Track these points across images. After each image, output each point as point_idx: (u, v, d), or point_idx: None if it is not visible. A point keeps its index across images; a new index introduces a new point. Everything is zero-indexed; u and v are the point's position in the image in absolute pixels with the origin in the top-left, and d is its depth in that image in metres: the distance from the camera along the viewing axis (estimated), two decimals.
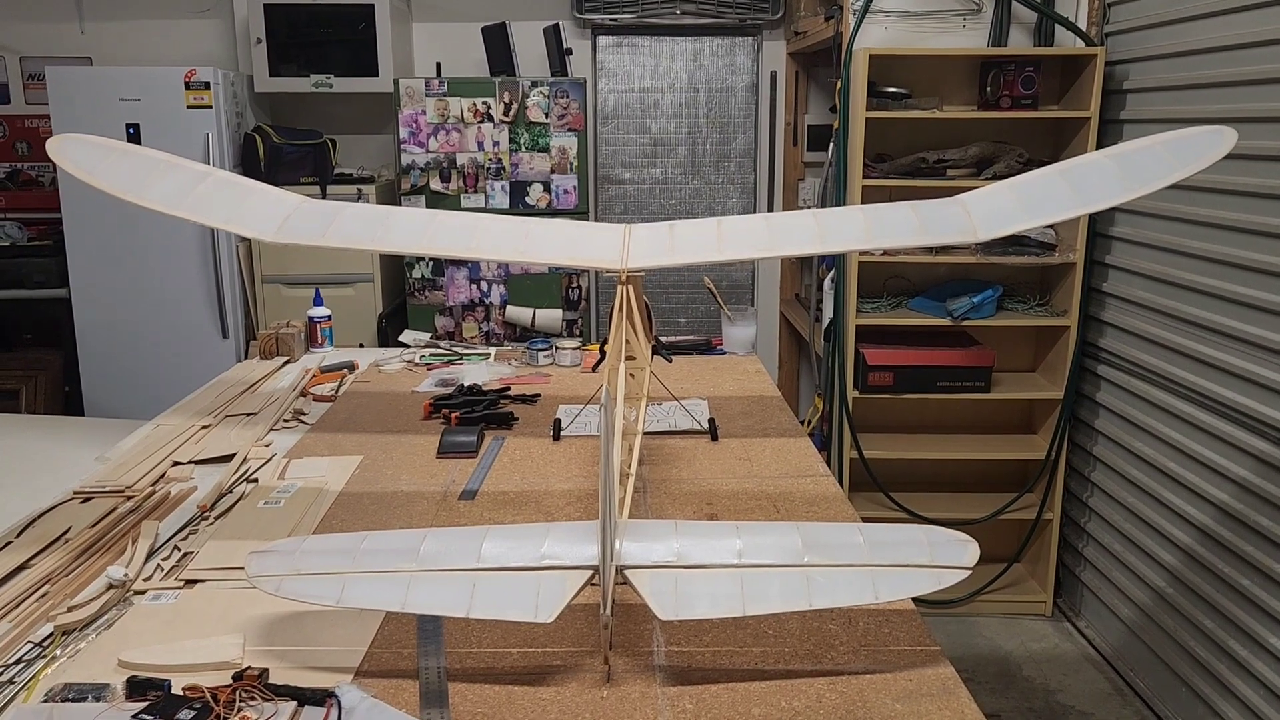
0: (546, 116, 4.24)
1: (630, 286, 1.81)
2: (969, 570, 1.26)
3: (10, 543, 1.67)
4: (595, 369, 2.28)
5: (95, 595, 1.46)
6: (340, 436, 2.26)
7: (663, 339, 2.46)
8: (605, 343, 1.88)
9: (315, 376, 2.74)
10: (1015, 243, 3.47)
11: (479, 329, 4.41)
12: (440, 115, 4.22)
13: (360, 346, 3.60)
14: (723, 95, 4.86)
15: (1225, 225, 2.74)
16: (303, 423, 2.37)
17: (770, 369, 4.40)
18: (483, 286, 4.37)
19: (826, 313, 3.70)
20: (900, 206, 1.80)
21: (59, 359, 4.66)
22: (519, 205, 4.30)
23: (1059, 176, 1.74)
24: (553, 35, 4.41)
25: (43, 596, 1.49)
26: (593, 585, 1.23)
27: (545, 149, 4.26)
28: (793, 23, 4.54)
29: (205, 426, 2.30)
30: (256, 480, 1.98)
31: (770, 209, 4.87)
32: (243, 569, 1.34)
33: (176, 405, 2.49)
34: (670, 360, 2.48)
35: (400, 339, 3.31)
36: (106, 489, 1.91)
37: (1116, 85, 3.32)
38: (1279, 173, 2.53)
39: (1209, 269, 2.82)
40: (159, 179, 1.82)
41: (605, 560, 1.20)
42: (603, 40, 4.81)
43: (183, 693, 1.18)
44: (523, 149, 4.26)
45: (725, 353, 3.06)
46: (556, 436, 2.23)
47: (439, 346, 3.12)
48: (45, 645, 1.35)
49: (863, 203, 3.38)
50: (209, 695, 1.16)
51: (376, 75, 4.35)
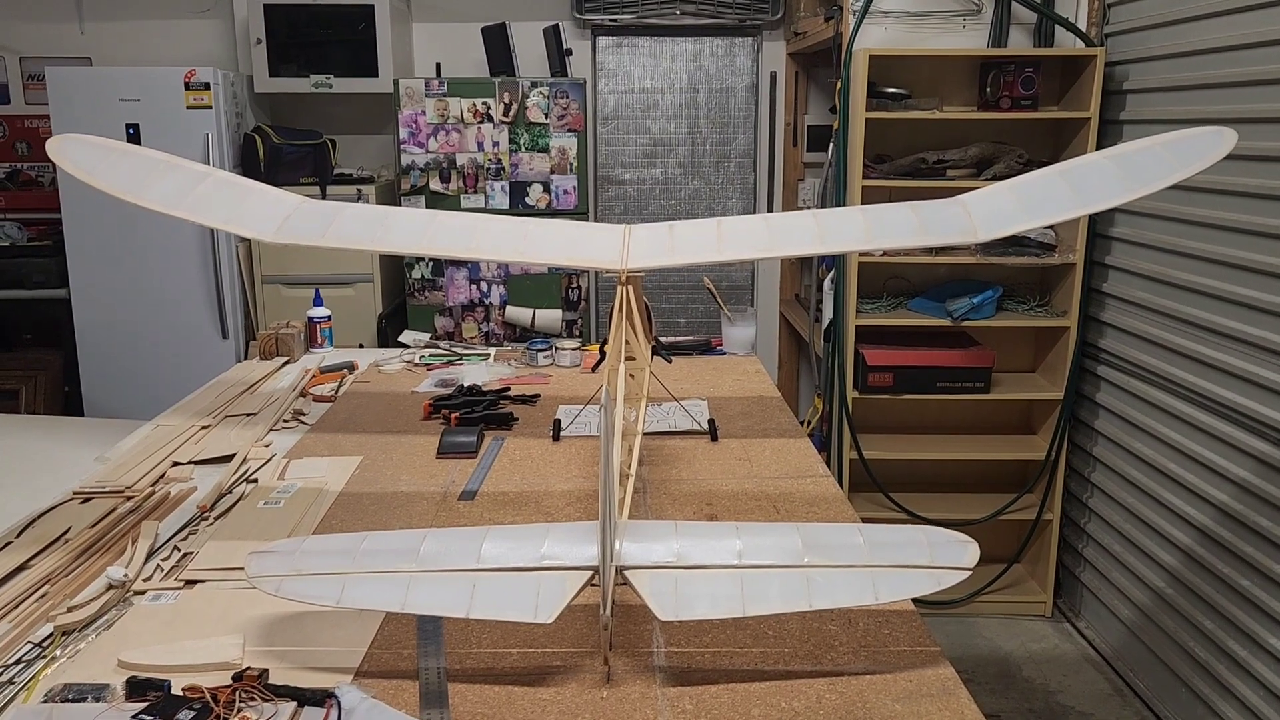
0: (546, 117, 4.24)
1: (630, 287, 1.81)
2: (969, 571, 1.26)
3: (10, 543, 1.67)
4: (595, 369, 2.28)
5: (95, 595, 1.46)
6: (340, 437, 2.26)
7: (662, 339, 2.46)
8: (605, 343, 1.88)
9: (315, 377, 2.74)
10: (1015, 243, 3.47)
11: (479, 329, 4.41)
12: (440, 116, 4.22)
13: (360, 347, 3.60)
14: (722, 96, 4.87)
15: (1225, 226, 2.74)
16: (302, 423, 2.36)
17: (770, 369, 4.40)
18: (482, 287, 4.37)
19: (826, 313, 3.70)
20: (900, 207, 1.80)
21: (59, 359, 4.66)
22: (519, 206, 4.30)
23: (1059, 177, 1.74)
24: (552, 36, 4.41)
25: (42, 597, 1.49)
26: (593, 586, 1.23)
27: (545, 149, 4.26)
28: (792, 23, 4.54)
29: (205, 427, 2.30)
30: (256, 480, 1.98)
31: (770, 209, 4.87)
32: (242, 569, 1.34)
33: (176, 405, 2.49)
34: (670, 361, 2.48)
35: (400, 339, 3.31)
36: (106, 489, 1.91)
37: (1116, 86, 3.32)
38: (1278, 173, 2.53)
39: (1209, 270, 2.82)
40: (158, 179, 1.82)
41: (605, 561, 1.20)
42: (602, 41, 4.82)
43: (182, 693, 1.18)
44: (522, 149, 4.26)
45: (725, 353, 3.06)
46: (556, 437, 2.23)
47: (439, 347, 3.12)
48: (45, 645, 1.35)
49: (862, 203, 3.38)
50: (209, 696, 1.16)
51: (376, 75, 4.35)
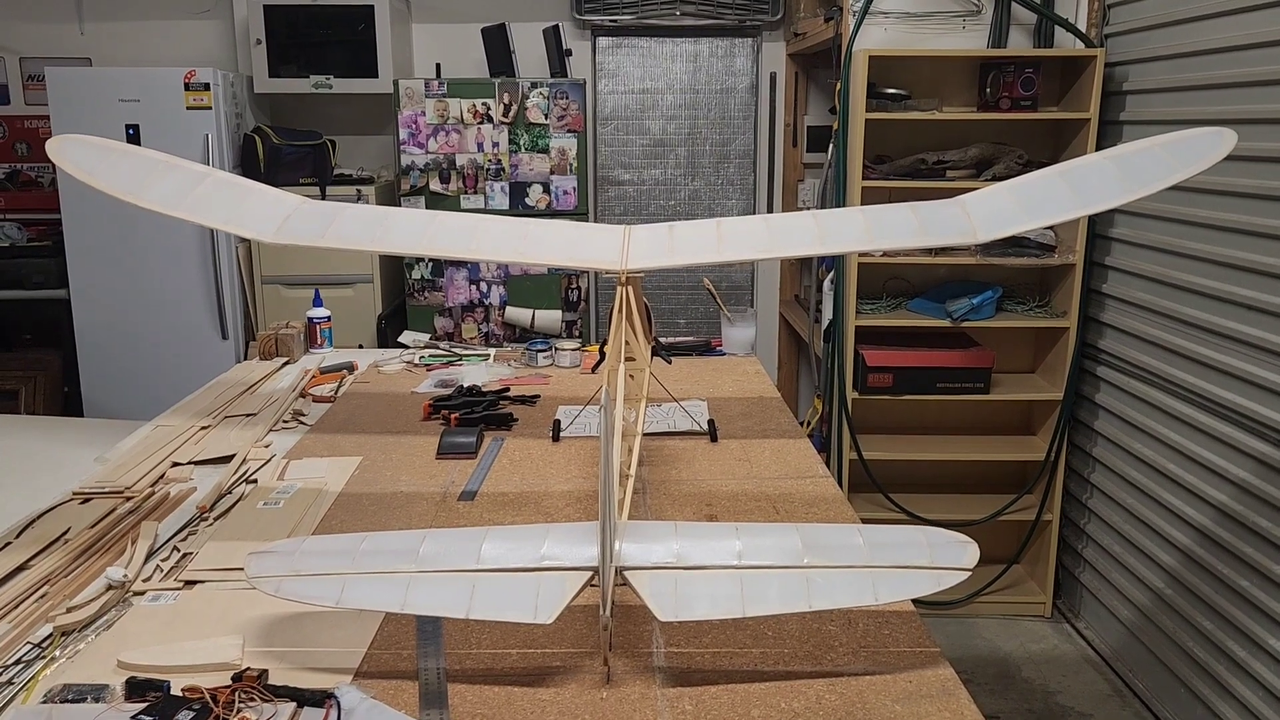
0: (546, 117, 4.24)
1: (630, 287, 1.81)
2: (968, 571, 1.26)
3: (9, 543, 1.67)
4: (595, 370, 2.28)
5: (94, 596, 1.46)
6: (340, 437, 2.26)
7: (662, 340, 2.46)
8: (605, 344, 1.88)
9: (315, 377, 2.74)
10: (1015, 244, 3.47)
11: (478, 330, 4.41)
12: (440, 116, 4.22)
13: (360, 347, 3.60)
14: (722, 96, 4.87)
15: (1225, 227, 2.74)
16: (302, 423, 2.36)
17: (770, 370, 4.40)
18: (482, 287, 4.37)
19: (826, 314, 3.70)
20: (900, 208, 1.80)
21: (58, 359, 4.66)
22: (518, 206, 4.30)
23: (1059, 178, 1.74)
24: (552, 36, 4.41)
25: (42, 597, 1.48)
26: (592, 586, 1.23)
27: (545, 150, 4.26)
28: (792, 24, 4.54)
29: (205, 427, 2.30)
30: (256, 481, 1.98)
31: (770, 210, 4.87)
32: (242, 570, 1.34)
33: (176, 406, 2.49)
34: (670, 361, 2.48)
35: (400, 340, 3.31)
36: (106, 490, 1.90)
37: (1116, 87, 3.32)
38: (1278, 174, 2.53)
39: (1208, 270, 2.82)
40: (158, 180, 1.82)
41: (605, 561, 1.20)
42: (602, 41, 4.82)
43: (182, 694, 1.18)
44: (522, 150, 4.26)
45: (725, 354, 3.05)
46: (556, 437, 2.23)
47: (438, 347, 3.12)
48: (44, 646, 1.35)
49: (862, 204, 3.38)
50: (208, 696, 1.16)
51: (376, 76, 4.36)
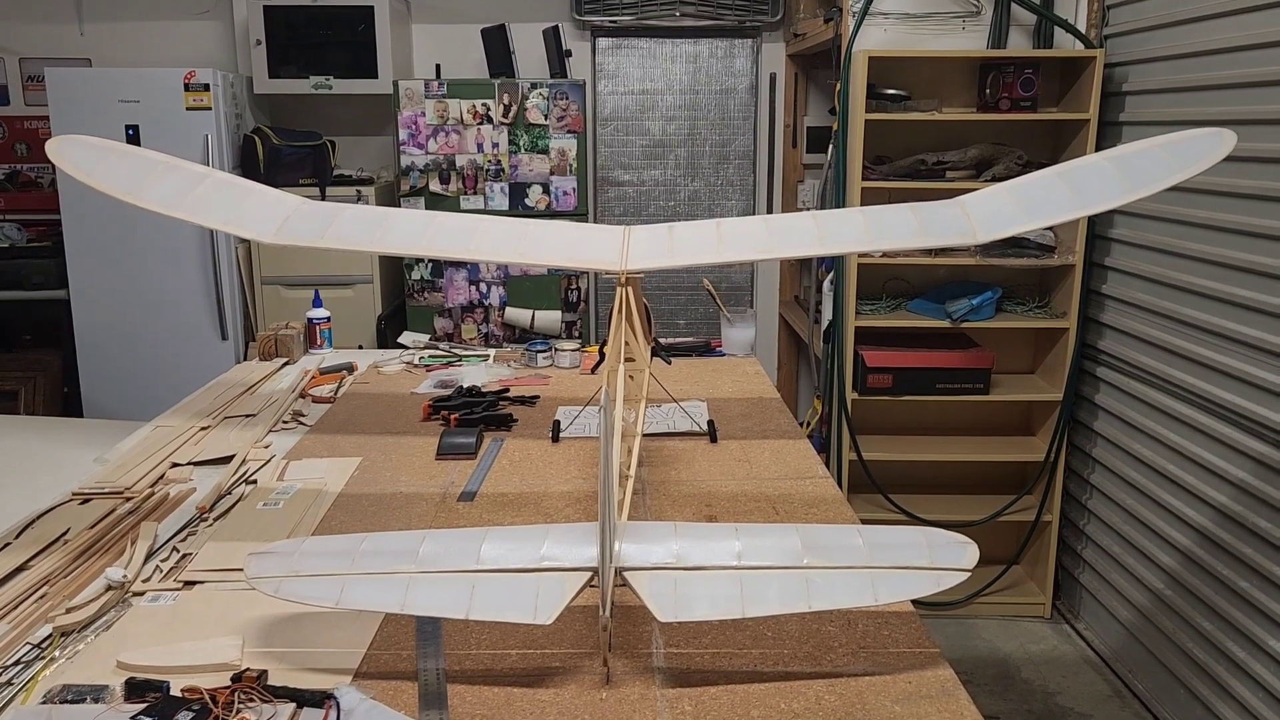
0: (546, 118, 4.24)
1: (629, 288, 1.81)
2: (968, 572, 1.26)
3: (9, 544, 1.67)
4: (594, 371, 2.28)
5: (94, 596, 1.46)
6: (339, 438, 2.26)
7: (662, 340, 2.46)
8: (604, 344, 1.88)
9: (314, 378, 2.74)
10: (1014, 245, 3.47)
11: (478, 330, 4.41)
12: (439, 117, 4.22)
13: (359, 348, 3.60)
14: (722, 97, 4.87)
15: (1224, 228, 2.74)
16: (302, 424, 2.36)
17: (769, 371, 4.39)
18: (482, 288, 4.37)
19: (825, 314, 3.70)
20: (899, 208, 1.80)
21: (58, 360, 4.66)
22: (518, 207, 4.30)
23: (1058, 178, 1.74)
24: (552, 37, 4.41)
25: (41, 598, 1.48)
26: (592, 587, 1.23)
27: (544, 151, 4.26)
28: (792, 25, 4.54)
29: (204, 428, 2.30)
30: (255, 482, 1.98)
31: (769, 211, 4.87)
32: (241, 570, 1.34)
33: (175, 407, 2.49)
34: (669, 362, 2.48)
35: (399, 340, 3.31)
36: (105, 490, 1.90)
37: (1116, 87, 3.32)
38: (1278, 175, 2.53)
39: (1208, 271, 2.82)
40: (158, 180, 1.82)
41: (604, 562, 1.20)
42: (602, 42, 4.82)
43: (181, 694, 1.18)
44: (522, 150, 4.26)
45: (724, 354, 3.05)
46: (555, 438, 2.23)
47: (438, 348, 3.11)
48: (44, 647, 1.35)
49: (862, 204, 3.38)
50: (208, 697, 1.16)
51: (376, 77, 4.36)
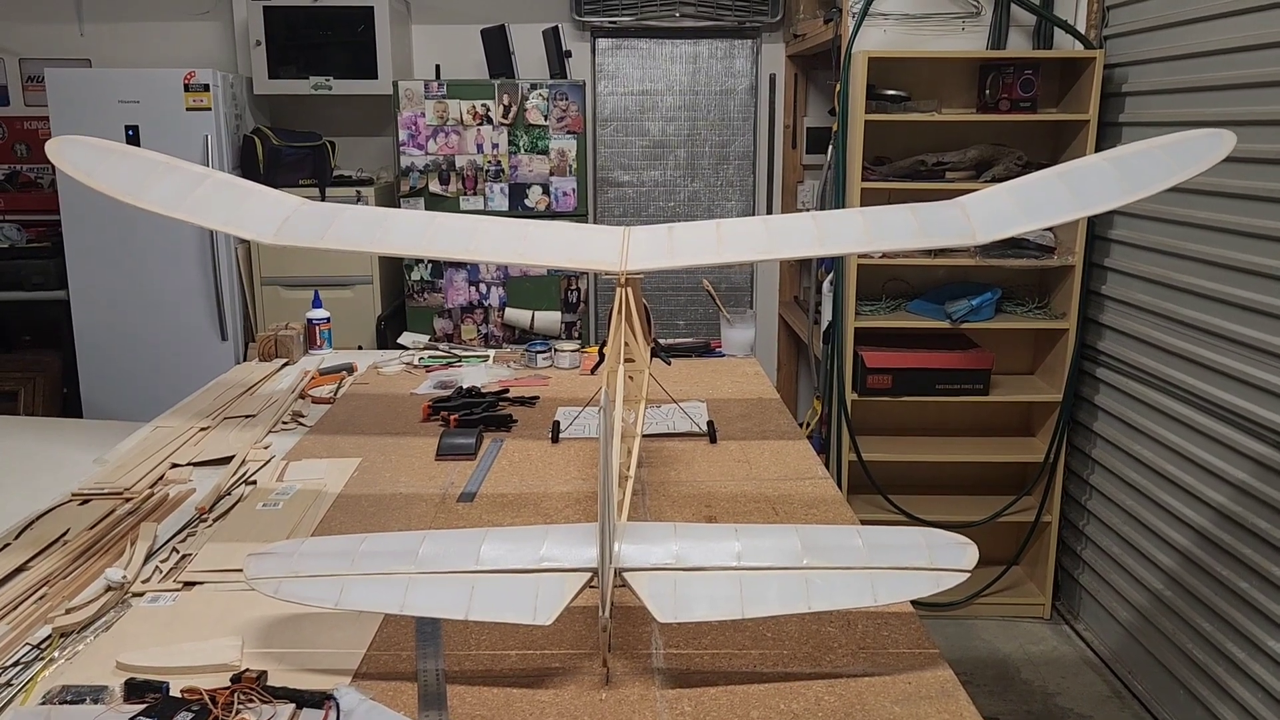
0: (545, 119, 4.24)
1: (629, 289, 1.81)
2: (968, 573, 1.26)
3: (9, 544, 1.67)
4: (594, 371, 2.27)
5: (93, 597, 1.46)
6: (339, 439, 2.26)
7: (661, 341, 2.46)
8: (604, 345, 1.88)
9: (314, 378, 2.74)
10: (1014, 245, 3.47)
11: (478, 331, 4.41)
12: (439, 117, 4.22)
13: (359, 349, 3.60)
14: (721, 98, 4.87)
15: (1224, 228, 2.74)
16: (301, 425, 2.36)
17: (769, 371, 4.39)
18: (481, 289, 4.37)
19: (825, 315, 3.70)
20: (899, 209, 1.80)
21: (58, 360, 4.66)
22: (518, 207, 4.30)
23: (1058, 179, 1.74)
24: (552, 38, 4.41)
25: (41, 598, 1.48)
26: (591, 588, 1.23)
27: (544, 151, 4.27)
28: (791, 25, 4.54)
29: (204, 428, 2.30)
30: (255, 482, 1.98)
31: (769, 212, 4.87)
32: (241, 571, 1.33)
33: (175, 407, 2.49)
34: (669, 363, 2.48)
35: (399, 341, 3.31)
36: (105, 491, 1.90)
37: (1115, 88, 3.32)
38: (1277, 175, 2.53)
39: (1207, 272, 2.82)
40: (158, 181, 1.81)
41: (604, 563, 1.20)
42: (602, 43, 4.82)
43: (181, 695, 1.18)
44: (522, 151, 4.26)
45: (724, 355, 3.06)
46: (555, 439, 2.23)
47: (438, 349, 3.11)
48: (43, 647, 1.34)
49: (862, 205, 3.38)
50: (207, 697, 1.16)
51: (376, 77, 4.36)
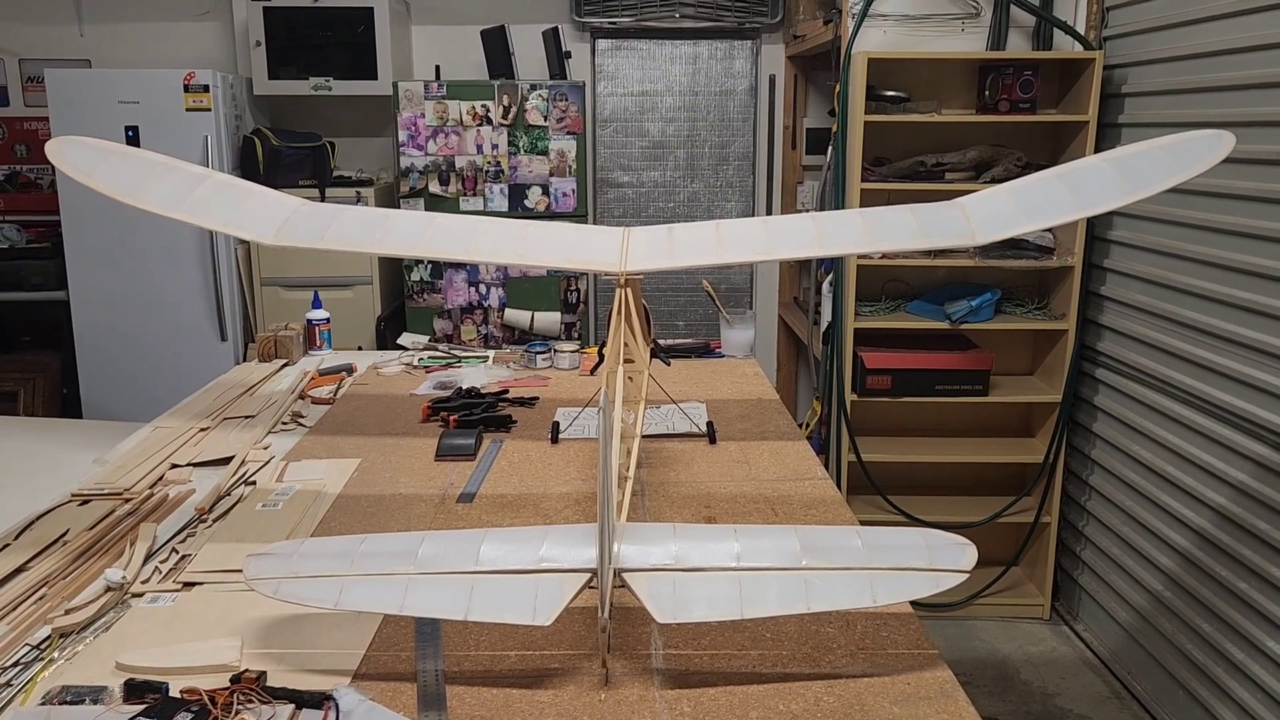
0: (545, 119, 4.24)
1: (629, 289, 1.81)
2: (967, 573, 1.26)
3: (8, 545, 1.67)
4: (593, 372, 2.28)
5: (93, 598, 1.46)
6: (338, 439, 2.26)
7: (661, 342, 2.46)
8: (604, 345, 1.89)
9: (313, 379, 2.74)
10: (1013, 246, 3.47)
11: (477, 332, 4.41)
12: (439, 118, 4.22)
13: (359, 349, 3.60)
14: (721, 99, 4.87)
15: (1223, 229, 2.74)
16: (301, 425, 2.37)
17: (768, 372, 4.39)
18: (481, 289, 4.37)
19: (825, 316, 3.70)
20: (899, 210, 1.80)
21: (57, 361, 4.66)
22: (518, 208, 4.30)
23: (1057, 180, 1.74)
24: (552, 38, 4.42)
25: (40, 599, 1.48)
26: (590, 588, 1.23)
27: (544, 152, 4.27)
28: (791, 26, 4.54)
29: (203, 429, 2.30)
30: (254, 483, 1.98)
31: (769, 212, 4.87)
32: (240, 571, 1.33)
33: (175, 408, 2.49)
34: (669, 363, 2.48)
35: (399, 342, 3.31)
36: (105, 491, 1.90)
37: (1115, 89, 3.33)
38: (1277, 176, 2.54)
39: (1207, 273, 2.82)
40: (157, 181, 1.82)
41: (603, 563, 1.20)
42: (602, 43, 4.82)
43: (180, 695, 1.18)
44: (521, 152, 4.26)
45: (723, 356, 3.06)
46: (555, 439, 2.23)
47: (437, 349, 3.12)
48: (43, 648, 1.34)
49: (861, 206, 3.38)
50: (207, 698, 1.16)
51: (375, 78, 4.36)
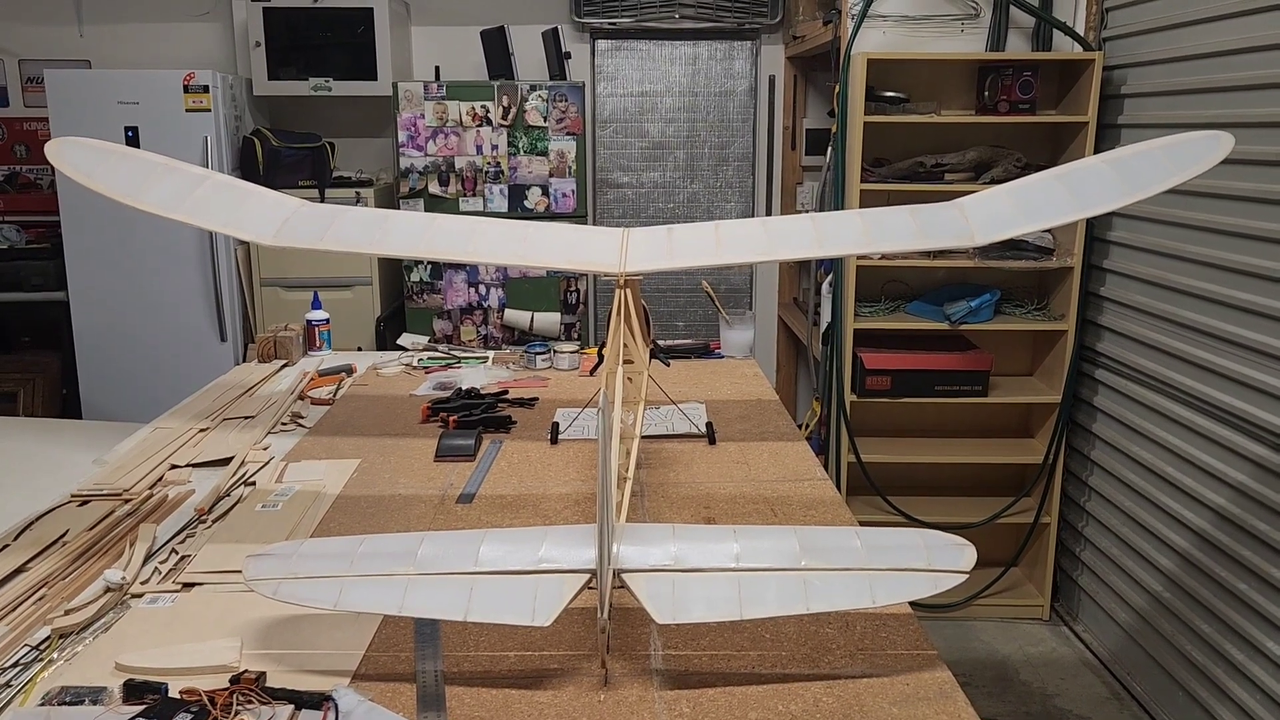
0: (545, 120, 4.24)
1: (628, 290, 1.81)
2: (966, 574, 1.26)
3: (8, 545, 1.67)
4: (593, 372, 2.28)
5: (92, 598, 1.46)
6: (338, 440, 2.26)
7: (660, 343, 2.46)
8: (603, 346, 1.89)
9: (313, 380, 2.74)
10: (1013, 247, 3.47)
11: (477, 332, 4.41)
12: (439, 119, 4.23)
13: (358, 350, 3.60)
14: (721, 99, 4.87)
15: (1222, 230, 2.74)
16: (300, 426, 2.37)
17: (768, 373, 4.40)
18: (481, 290, 4.37)
19: (824, 316, 3.70)
20: (898, 210, 1.80)
21: (57, 361, 4.66)
22: (517, 209, 4.31)
23: (1056, 181, 1.74)
24: (551, 39, 4.42)
25: (40, 599, 1.48)
26: (590, 589, 1.23)
27: (544, 153, 4.27)
28: (791, 27, 4.54)
29: (203, 430, 2.30)
30: (254, 483, 1.98)
31: (768, 213, 4.87)
32: (240, 572, 1.34)
33: (174, 408, 2.49)
34: (668, 364, 2.49)
35: (398, 342, 3.31)
36: (104, 492, 1.90)
37: (1114, 90, 3.33)
38: (1276, 177, 2.54)
39: (1206, 273, 2.82)
40: (157, 182, 1.82)
41: (602, 564, 1.20)
42: (601, 44, 4.82)
43: (180, 696, 1.18)
44: (521, 152, 4.26)
45: (723, 356, 3.06)
46: (554, 440, 2.23)
47: (437, 350, 3.12)
48: (42, 648, 1.35)
49: (861, 206, 3.38)
50: (206, 698, 1.16)
51: (375, 79, 4.36)
